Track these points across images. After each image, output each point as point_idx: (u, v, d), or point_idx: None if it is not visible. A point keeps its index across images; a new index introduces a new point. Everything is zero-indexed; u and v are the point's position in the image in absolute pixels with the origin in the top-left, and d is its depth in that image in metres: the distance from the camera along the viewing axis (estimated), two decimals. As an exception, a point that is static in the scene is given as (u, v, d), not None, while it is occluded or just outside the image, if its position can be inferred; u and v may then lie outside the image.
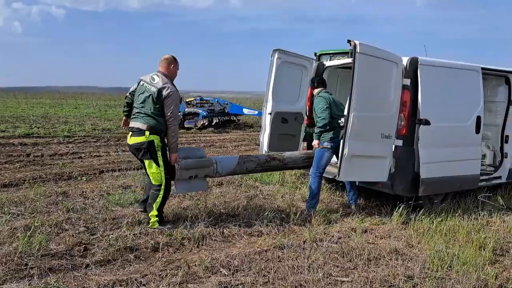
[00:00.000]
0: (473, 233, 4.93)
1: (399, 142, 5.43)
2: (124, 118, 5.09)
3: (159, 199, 4.69)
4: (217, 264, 3.91)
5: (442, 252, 4.30)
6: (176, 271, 3.72)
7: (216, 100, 17.37)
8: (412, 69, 5.41)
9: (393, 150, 5.37)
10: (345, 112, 5.10)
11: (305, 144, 7.14)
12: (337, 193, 6.65)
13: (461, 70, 5.94)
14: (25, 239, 4.05)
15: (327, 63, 6.94)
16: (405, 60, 5.42)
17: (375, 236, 4.89)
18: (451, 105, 5.79)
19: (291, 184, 7.21)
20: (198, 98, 17.75)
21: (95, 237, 4.42)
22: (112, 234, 4.47)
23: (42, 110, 23.86)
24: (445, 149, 5.71)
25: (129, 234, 4.46)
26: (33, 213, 5.06)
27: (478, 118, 6.01)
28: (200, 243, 4.46)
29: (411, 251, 4.46)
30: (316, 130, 5.66)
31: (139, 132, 4.57)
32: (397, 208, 5.46)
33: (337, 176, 5.13)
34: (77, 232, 4.51)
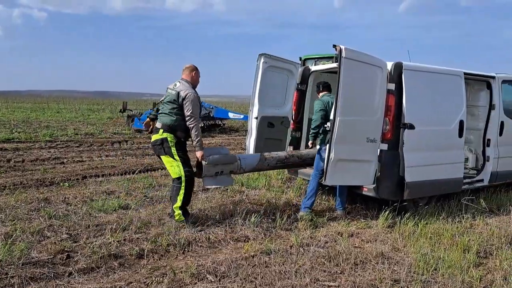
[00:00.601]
0: (457, 236, 4.99)
1: (384, 146, 5.47)
2: (148, 119, 5.57)
3: (182, 191, 4.90)
4: (203, 270, 3.87)
5: (428, 255, 4.34)
6: (161, 278, 3.67)
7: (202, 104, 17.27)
8: (396, 74, 5.47)
9: (378, 154, 5.42)
10: (331, 117, 5.13)
11: (291, 148, 7.13)
12: (323, 197, 6.66)
13: (444, 75, 6.02)
14: (6, 247, 3.96)
15: (313, 67, 6.96)
16: (389, 65, 5.48)
17: (361, 240, 4.91)
18: (435, 110, 5.87)
19: (277, 189, 7.19)
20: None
21: (78, 244, 4.33)
22: (95, 241, 4.39)
23: (23, 115, 23.43)
24: (429, 153, 5.78)
25: (113, 241, 4.39)
26: (13, 220, 4.93)
27: (461, 122, 6.09)
28: (186, 249, 4.41)
29: (397, 254, 4.49)
30: (310, 131, 5.85)
31: (156, 130, 5.06)
32: (382, 212, 5.50)
33: (323, 181, 5.15)
34: (59, 239, 4.42)
